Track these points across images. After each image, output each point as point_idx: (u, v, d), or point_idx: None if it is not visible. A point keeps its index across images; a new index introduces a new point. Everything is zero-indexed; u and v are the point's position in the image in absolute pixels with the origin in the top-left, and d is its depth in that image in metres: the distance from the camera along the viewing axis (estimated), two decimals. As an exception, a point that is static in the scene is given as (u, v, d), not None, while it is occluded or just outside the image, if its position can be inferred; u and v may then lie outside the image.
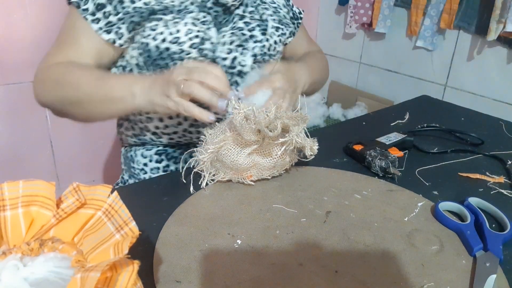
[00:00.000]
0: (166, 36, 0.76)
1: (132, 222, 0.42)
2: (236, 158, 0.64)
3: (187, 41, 0.77)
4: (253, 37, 0.84)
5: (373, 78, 2.19)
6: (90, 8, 0.76)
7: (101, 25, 0.76)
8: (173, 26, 0.76)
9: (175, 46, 0.77)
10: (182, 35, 0.77)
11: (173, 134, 0.84)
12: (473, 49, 1.74)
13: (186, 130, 0.83)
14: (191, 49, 0.77)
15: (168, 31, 0.76)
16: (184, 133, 0.84)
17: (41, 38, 1.50)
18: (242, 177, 0.67)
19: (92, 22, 0.76)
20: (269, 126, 0.60)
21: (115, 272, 0.36)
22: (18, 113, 1.57)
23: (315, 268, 0.50)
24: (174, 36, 0.76)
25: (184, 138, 0.85)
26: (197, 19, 0.78)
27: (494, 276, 0.49)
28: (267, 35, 0.86)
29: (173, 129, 0.83)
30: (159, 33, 0.76)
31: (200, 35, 0.78)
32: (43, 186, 0.44)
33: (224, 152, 0.64)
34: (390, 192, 0.67)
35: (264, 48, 0.86)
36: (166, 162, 0.87)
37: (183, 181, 0.68)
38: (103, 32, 0.76)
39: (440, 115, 1.04)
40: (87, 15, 0.75)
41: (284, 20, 0.92)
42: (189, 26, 0.77)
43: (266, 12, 0.88)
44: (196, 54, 0.78)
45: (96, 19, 0.76)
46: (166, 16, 0.76)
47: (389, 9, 1.96)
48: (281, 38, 0.90)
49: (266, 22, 0.87)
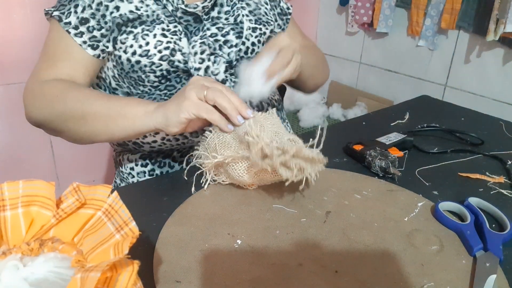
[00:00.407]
0: (136, 49, 0.75)
1: (132, 222, 0.41)
2: (241, 174, 0.63)
3: (157, 54, 0.75)
4: (227, 42, 0.82)
5: (373, 78, 2.19)
6: (73, 21, 0.74)
7: (85, 39, 0.75)
8: (142, 39, 0.75)
9: (144, 59, 0.76)
10: (151, 48, 0.75)
11: (152, 143, 0.83)
12: (473, 49, 1.74)
13: (165, 138, 0.82)
14: (161, 61, 0.76)
15: (137, 44, 0.75)
16: (163, 141, 0.82)
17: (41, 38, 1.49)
18: (243, 185, 0.66)
19: (75, 36, 0.74)
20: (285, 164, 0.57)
21: (115, 272, 0.36)
22: (18, 113, 1.56)
23: (315, 268, 0.50)
24: (143, 49, 0.75)
25: (164, 146, 0.84)
26: (167, 30, 0.77)
27: (494, 276, 0.49)
28: (242, 38, 0.83)
29: (152, 138, 0.82)
30: (129, 46, 0.76)
31: (170, 46, 0.76)
32: (43, 186, 0.44)
33: (232, 165, 0.63)
34: (390, 192, 0.67)
35: (241, 52, 0.83)
36: (151, 166, 0.87)
37: (185, 178, 0.67)
38: (88, 46, 0.75)
39: (440, 115, 1.04)
40: (69, 29, 0.74)
41: (264, 18, 0.88)
42: (158, 38, 0.76)
43: (242, 12, 0.85)
44: (167, 66, 0.77)
45: (80, 32, 0.74)
46: (136, 29, 0.75)
47: (390, 9, 1.96)
48: (259, 39, 0.86)
49: (241, 24, 0.84)
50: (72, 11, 0.75)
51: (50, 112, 0.73)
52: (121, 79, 0.81)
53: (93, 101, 0.70)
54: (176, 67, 0.78)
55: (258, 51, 0.86)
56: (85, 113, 0.70)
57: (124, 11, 0.76)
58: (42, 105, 0.74)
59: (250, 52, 0.85)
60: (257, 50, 0.86)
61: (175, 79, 0.80)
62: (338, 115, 2.21)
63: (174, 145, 0.84)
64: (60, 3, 0.77)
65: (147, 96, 0.81)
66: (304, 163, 0.58)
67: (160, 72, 0.77)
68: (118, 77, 0.82)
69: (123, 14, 0.76)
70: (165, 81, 0.80)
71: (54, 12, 0.76)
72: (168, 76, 0.79)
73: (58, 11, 0.76)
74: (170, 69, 0.78)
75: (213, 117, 0.61)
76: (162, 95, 0.81)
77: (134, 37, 0.75)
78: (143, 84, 0.79)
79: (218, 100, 0.60)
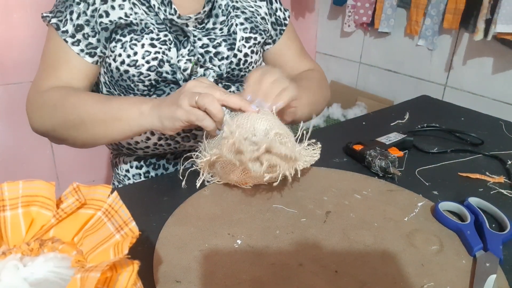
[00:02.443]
0: (124, 59, 0.75)
1: (132, 222, 0.42)
2: (228, 173, 0.63)
3: (145, 64, 0.75)
4: (218, 54, 0.80)
5: (373, 78, 2.19)
6: (70, 30, 0.74)
7: (82, 47, 0.74)
8: (130, 49, 0.74)
9: (133, 69, 0.75)
10: (139, 58, 0.74)
11: (145, 148, 0.84)
12: (473, 49, 1.74)
13: (157, 144, 0.82)
14: (149, 72, 0.75)
15: (125, 53, 0.74)
16: (156, 146, 0.82)
17: (41, 38, 1.49)
18: (237, 184, 0.66)
19: (73, 45, 0.74)
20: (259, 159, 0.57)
21: (115, 272, 0.36)
22: (18, 113, 1.57)
23: (315, 268, 0.50)
24: (131, 59, 0.74)
25: (157, 150, 0.84)
26: (157, 39, 0.75)
27: (494, 276, 0.49)
28: (234, 50, 0.81)
29: (144, 144, 0.82)
30: (118, 54, 0.75)
31: (158, 57, 0.75)
32: (43, 186, 0.44)
33: (219, 165, 0.64)
34: (390, 192, 0.67)
35: (232, 64, 0.82)
36: (146, 169, 0.87)
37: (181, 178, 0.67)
38: (86, 54, 0.75)
39: (440, 115, 1.04)
40: (67, 38, 0.74)
41: (261, 26, 0.86)
42: (146, 48, 0.74)
43: (236, 20, 0.83)
44: (155, 76, 0.76)
45: (77, 41, 0.74)
46: (124, 37, 0.75)
47: (392, 9, 1.96)
48: (253, 49, 0.84)
49: (234, 35, 0.82)
50: (68, 19, 0.74)
51: (52, 122, 0.73)
52: (112, 86, 0.81)
53: (90, 106, 0.70)
54: (164, 78, 0.77)
55: (251, 61, 0.84)
56: (83, 120, 0.70)
57: (114, 17, 0.75)
58: (43, 115, 0.74)
59: (242, 63, 0.83)
60: (250, 61, 0.84)
61: (164, 86, 0.80)
62: (338, 115, 2.21)
63: (167, 150, 0.85)
64: (57, 9, 0.76)
65: None
66: (279, 160, 0.58)
67: (149, 82, 0.77)
68: (109, 84, 0.81)
69: (113, 20, 0.74)
70: (154, 90, 0.79)
71: (52, 20, 0.75)
72: (157, 86, 0.79)
73: (56, 18, 0.75)
74: (158, 79, 0.77)
75: (203, 124, 0.61)
76: None
77: (122, 46, 0.75)
78: (133, 92, 0.79)
79: (208, 107, 0.60)
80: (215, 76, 0.81)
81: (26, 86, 1.51)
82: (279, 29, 0.92)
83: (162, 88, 0.80)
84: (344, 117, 2.19)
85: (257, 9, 0.88)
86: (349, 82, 2.32)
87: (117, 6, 0.75)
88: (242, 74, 0.84)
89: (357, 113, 2.13)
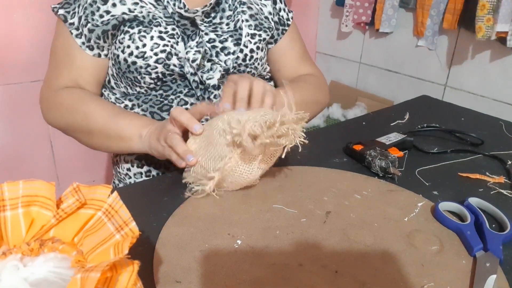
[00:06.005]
0: (132, 50, 0.76)
1: (132, 222, 0.42)
2: (248, 176, 0.63)
3: (153, 56, 0.75)
4: (225, 49, 0.81)
5: (373, 78, 2.19)
6: (76, 22, 0.76)
7: (84, 40, 0.77)
8: (140, 40, 0.75)
9: (140, 60, 0.76)
10: (147, 50, 0.75)
11: (139, 156, 0.85)
12: (473, 49, 1.74)
13: None
14: (157, 64, 0.76)
15: (134, 45, 0.75)
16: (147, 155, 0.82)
17: (41, 38, 1.50)
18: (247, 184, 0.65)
19: (76, 37, 0.76)
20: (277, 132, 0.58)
21: (115, 272, 0.36)
22: (18, 113, 1.57)
23: (315, 268, 0.50)
24: (140, 51, 0.75)
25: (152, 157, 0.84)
26: (165, 32, 0.76)
27: (494, 276, 0.49)
28: (241, 46, 0.82)
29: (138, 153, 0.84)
30: (126, 46, 0.76)
31: (166, 49, 0.76)
32: (43, 186, 0.44)
33: (234, 173, 0.62)
34: (390, 192, 0.67)
35: (239, 60, 0.82)
36: (147, 167, 0.87)
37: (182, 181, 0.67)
38: (86, 47, 0.77)
39: (440, 115, 1.04)
40: (72, 29, 0.76)
41: (265, 23, 0.87)
42: (155, 40, 0.75)
43: (242, 16, 0.84)
44: (162, 69, 0.77)
45: (80, 33, 0.76)
46: (133, 29, 0.75)
47: (393, 9, 1.96)
48: (258, 45, 0.85)
49: (240, 30, 0.82)
50: (76, 11, 0.76)
51: (63, 122, 0.80)
52: (119, 78, 0.82)
53: (98, 118, 0.75)
54: (171, 71, 0.78)
55: (257, 57, 0.85)
56: (91, 130, 0.76)
57: (117, 12, 0.76)
58: (56, 115, 0.80)
59: (249, 59, 0.84)
60: (256, 57, 0.85)
61: (171, 81, 0.80)
62: (338, 115, 2.21)
63: None
64: (65, 1, 0.78)
65: (144, 96, 0.82)
66: (293, 125, 0.59)
67: (156, 75, 0.77)
68: (116, 76, 0.82)
69: (116, 15, 0.76)
70: (160, 83, 0.80)
71: (60, 11, 0.76)
72: (164, 79, 0.79)
73: (63, 9, 0.76)
74: (165, 72, 0.78)
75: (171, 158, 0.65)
76: (157, 96, 0.81)
77: (130, 37, 0.75)
78: (139, 85, 0.80)
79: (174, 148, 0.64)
80: (222, 70, 0.81)
81: (26, 86, 1.52)
82: (281, 29, 0.92)
83: (168, 84, 0.80)
84: (344, 117, 2.19)
85: (262, 8, 0.89)
86: (349, 82, 2.32)
87: (118, 2, 0.76)
88: (248, 70, 0.85)
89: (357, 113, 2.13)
